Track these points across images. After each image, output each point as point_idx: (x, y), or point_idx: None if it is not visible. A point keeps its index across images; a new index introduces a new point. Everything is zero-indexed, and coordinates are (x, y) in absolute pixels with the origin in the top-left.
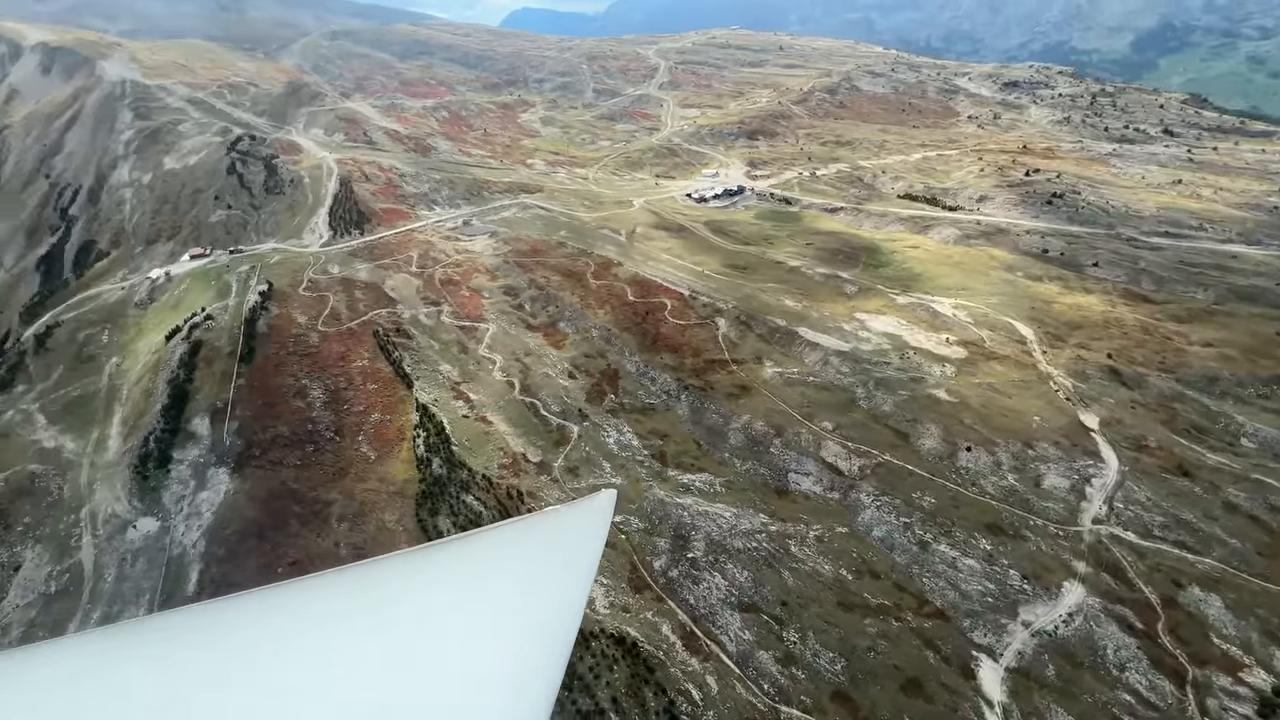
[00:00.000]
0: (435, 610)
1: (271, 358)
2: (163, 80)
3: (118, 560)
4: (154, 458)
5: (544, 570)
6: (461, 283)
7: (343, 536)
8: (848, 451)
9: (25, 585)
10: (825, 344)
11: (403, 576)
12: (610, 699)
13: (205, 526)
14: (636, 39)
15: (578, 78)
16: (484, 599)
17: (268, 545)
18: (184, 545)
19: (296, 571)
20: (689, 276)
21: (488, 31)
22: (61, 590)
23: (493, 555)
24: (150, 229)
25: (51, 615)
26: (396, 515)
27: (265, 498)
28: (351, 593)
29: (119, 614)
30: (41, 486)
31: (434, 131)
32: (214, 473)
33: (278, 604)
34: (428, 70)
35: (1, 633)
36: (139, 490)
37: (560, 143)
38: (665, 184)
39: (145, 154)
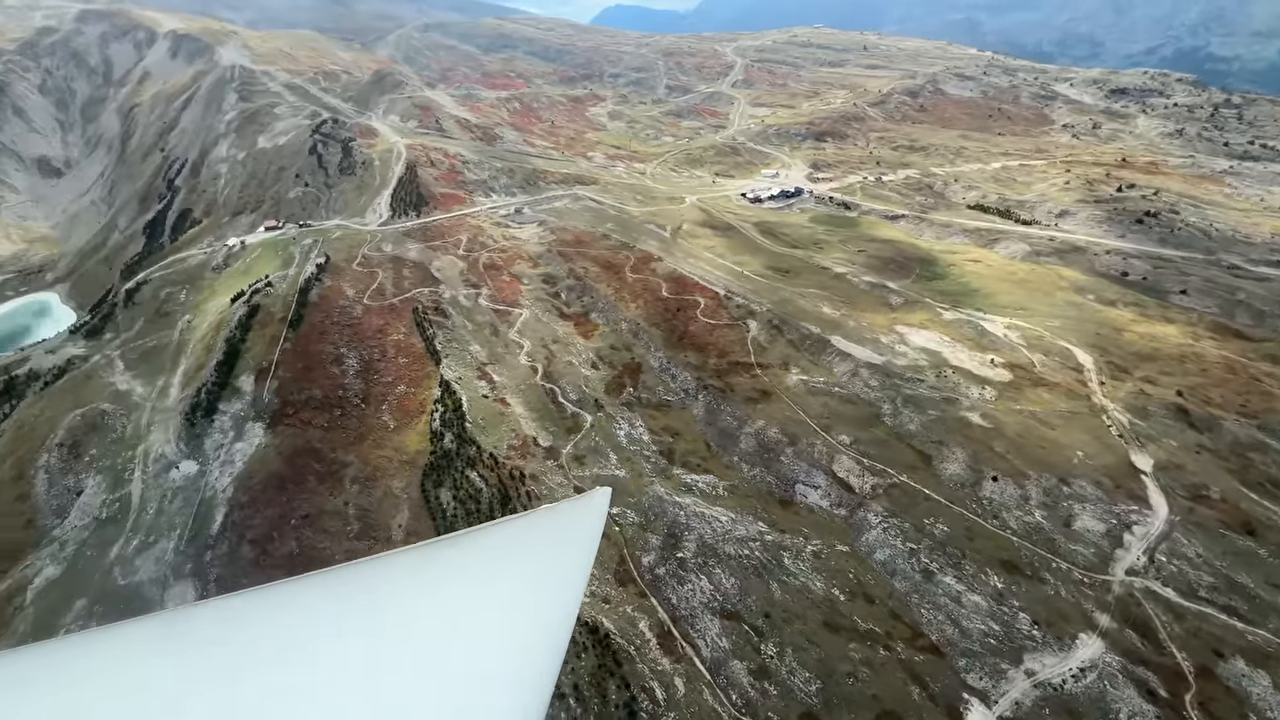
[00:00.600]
0: (430, 608)
1: (317, 325)
2: (268, 66)
3: (159, 496)
4: (203, 408)
5: (539, 568)
6: (504, 268)
7: (352, 497)
8: (862, 468)
9: (83, 509)
10: (857, 355)
11: (399, 575)
12: (572, 685)
13: (236, 474)
14: (716, 36)
15: (651, 74)
16: (479, 597)
17: (285, 497)
18: (215, 489)
19: (306, 526)
20: (727, 276)
21: (570, 26)
22: (110, 517)
23: (489, 553)
24: (238, 201)
25: (100, 538)
26: (404, 483)
27: (291, 454)
28: (349, 592)
29: (153, 544)
30: (109, 424)
31: (503, 121)
32: (250, 426)
33: (276, 603)
34: (509, 63)
35: (59, 547)
36: (186, 436)
37: (624, 137)
38: (723, 183)
39: (243, 133)
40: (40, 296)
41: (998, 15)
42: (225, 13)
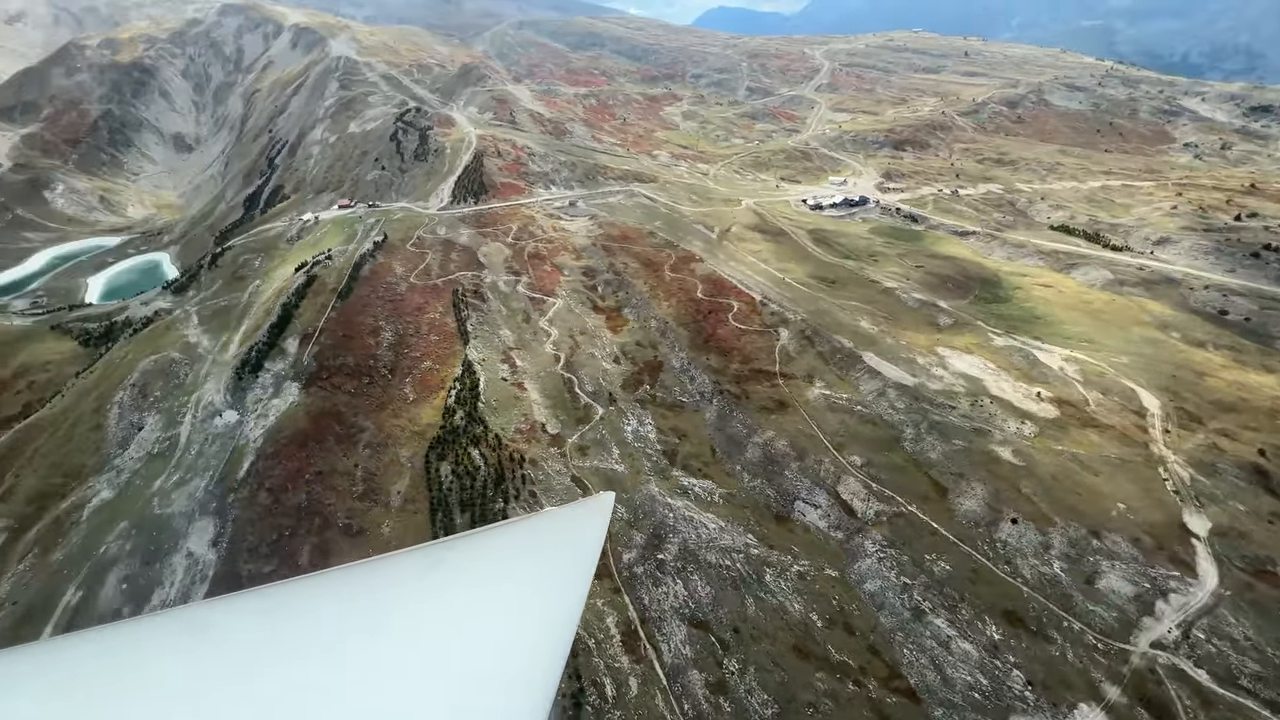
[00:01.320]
0: (435, 610)
1: (363, 298)
2: (370, 58)
3: (201, 439)
4: (251, 364)
5: (542, 571)
6: (547, 258)
7: (362, 460)
8: (869, 492)
9: (140, 443)
10: (887, 374)
11: (404, 576)
12: None
13: (267, 427)
14: (806, 39)
15: (733, 75)
16: (483, 599)
17: (305, 453)
18: (248, 439)
19: (317, 481)
20: (767, 282)
21: (660, 27)
22: (160, 453)
23: (492, 555)
24: (322, 180)
25: (148, 470)
26: (410, 453)
27: (317, 414)
28: (355, 592)
29: (188, 481)
30: (175, 371)
31: (575, 117)
32: (288, 385)
33: (281, 603)
34: (595, 61)
35: (116, 474)
36: (233, 388)
37: (693, 137)
38: (787, 187)
39: (338, 118)
40: (155, 255)
41: (1137, 23)
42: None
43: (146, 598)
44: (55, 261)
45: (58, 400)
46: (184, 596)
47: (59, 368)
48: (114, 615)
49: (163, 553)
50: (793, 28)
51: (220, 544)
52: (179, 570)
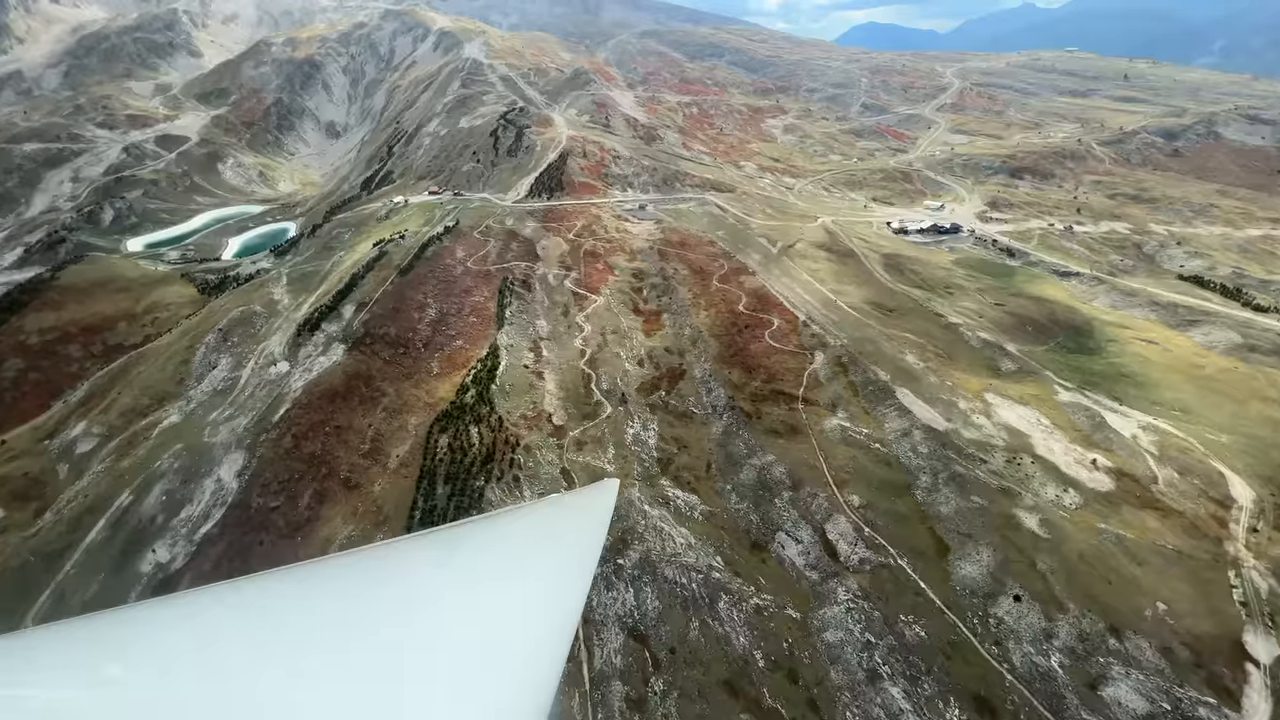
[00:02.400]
0: (440, 595)
1: (420, 276)
2: (495, 61)
3: (255, 384)
4: (310, 324)
5: (551, 556)
6: (602, 257)
7: (376, 422)
8: (858, 536)
9: (211, 380)
10: (918, 414)
11: (412, 560)
12: None
13: (308, 381)
14: (941, 55)
15: (851, 90)
16: (490, 584)
17: (331, 408)
18: (290, 388)
19: (334, 434)
20: (816, 303)
21: (783, 39)
22: (222, 391)
23: (505, 541)
24: (426, 169)
25: (209, 405)
26: (418, 421)
27: (351, 374)
28: (358, 578)
29: (235, 418)
30: (253, 322)
31: (671, 124)
32: (335, 346)
33: (279, 590)
34: (710, 71)
35: (187, 403)
36: (292, 343)
37: (788, 150)
38: (875, 209)
39: (453, 114)
40: (285, 224)
41: None
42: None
43: (176, 512)
44: (211, 222)
45: (167, 336)
46: (204, 516)
47: (177, 309)
48: (150, 522)
49: (199, 475)
50: (946, 45)
51: (243, 476)
52: (207, 493)
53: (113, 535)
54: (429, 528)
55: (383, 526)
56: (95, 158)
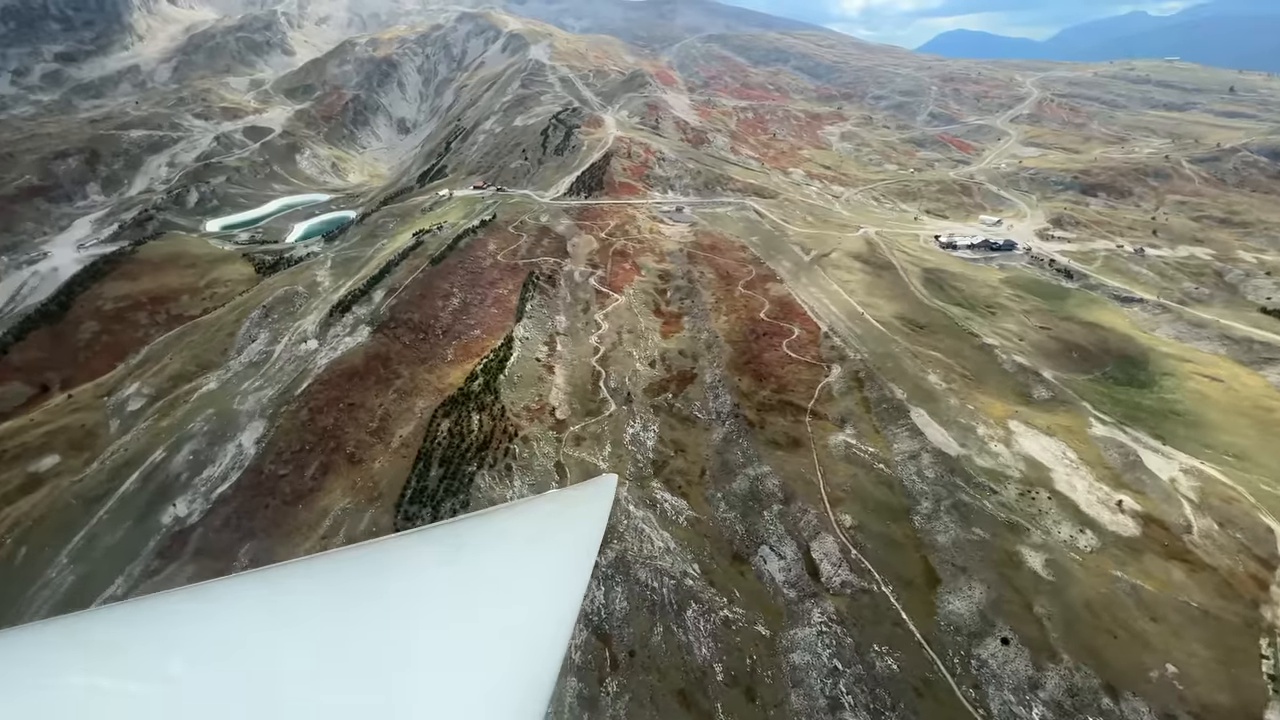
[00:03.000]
0: (438, 592)
1: (449, 267)
2: (557, 63)
3: (286, 359)
4: (343, 306)
5: (547, 553)
6: (630, 256)
7: (387, 402)
8: (844, 558)
9: (249, 352)
10: (931, 437)
11: (409, 557)
12: None
13: (331, 359)
14: (1021, 64)
15: (919, 98)
16: (488, 581)
17: (348, 386)
18: (315, 365)
19: (346, 411)
20: (841, 314)
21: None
22: (256, 363)
23: (497, 537)
24: (476, 164)
25: (243, 375)
26: (425, 404)
27: (371, 355)
28: (358, 574)
29: (261, 390)
30: (294, 301)
31: (722, 128)
32: (361, 328)
33: (282, 585)
34: (773, 76)
35: (225, 372)
36: (322, 323)
37: (841, 158)
38: (927, 222)
39: (509, 113)
40: (346, 213)
41: None
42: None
43: (199, 471)
44: (281, 208)
45: (220, 309)
46: (223, 477)
47: (235, 285)
48: (175, 479)
49: (223, 439)
50: (1043, 53)
51: (261, 443)
52: (228, 456)
53: (143, 487)
54: (432, 523)
55: (375, 502)
56: (190, 145)
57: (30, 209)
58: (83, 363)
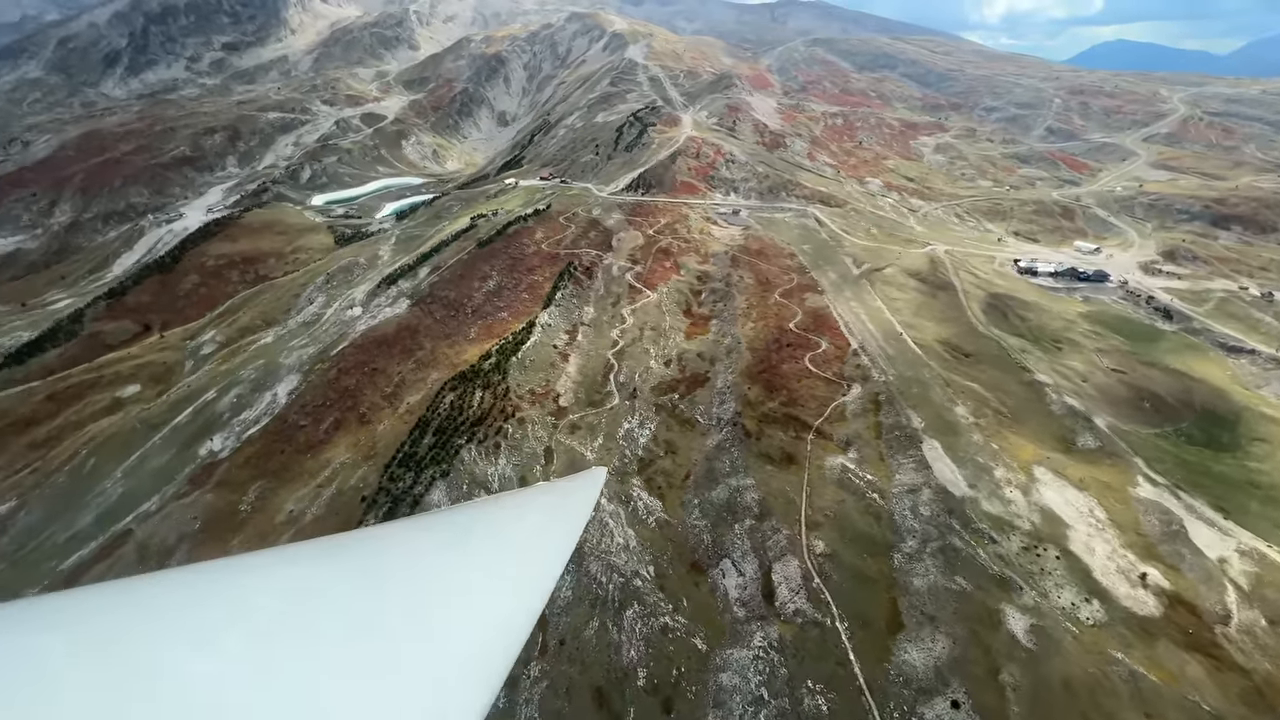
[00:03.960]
0: (414, 581)
1: (494, 250)
2: (650, 62)
3: (331, 322)
4: (390, 279)
5: (527, 546)
6: (673, 255)
7: (406, 372)
8: (804, 585)
9: (305, 313)
10: (938, 472)
11: (389, 547)
12: None
13: (369, 325)
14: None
15: (1037, 111)
16: (470, 571)
17: (377, 351)
18: (354, 330)
19: (368, 375)
20: (878, 332)
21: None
22: (308, 324)
23: (486, 527)
24: (551, 157)
25: (294, 334)
26: (438, 377)
27: (402, 327)
28: (336, 561)
29: (307, 348)
30: (353, 271)
31: (804, 134)
32: (401, 300)
33: (259, 570)
34: (877, 83)
35: (282, 328)
36: (371, 293)
37: (929, 170)
38: (1012, 244)
39: (593, 110)
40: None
41: None
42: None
43: (238, 413)
44: (379, 189)
45: (295, 274)
46: (255, 421)
47: (314, 253)
48: (218, 417)
49: (264, 388)
50: (1224, 69)
51: (292, 395)
52: (263, 403)
53: (192, 421)
54: (413, 502)
55: (370, 460)
56: (314, 127)
57: (180, 176)
58: (180, 309)
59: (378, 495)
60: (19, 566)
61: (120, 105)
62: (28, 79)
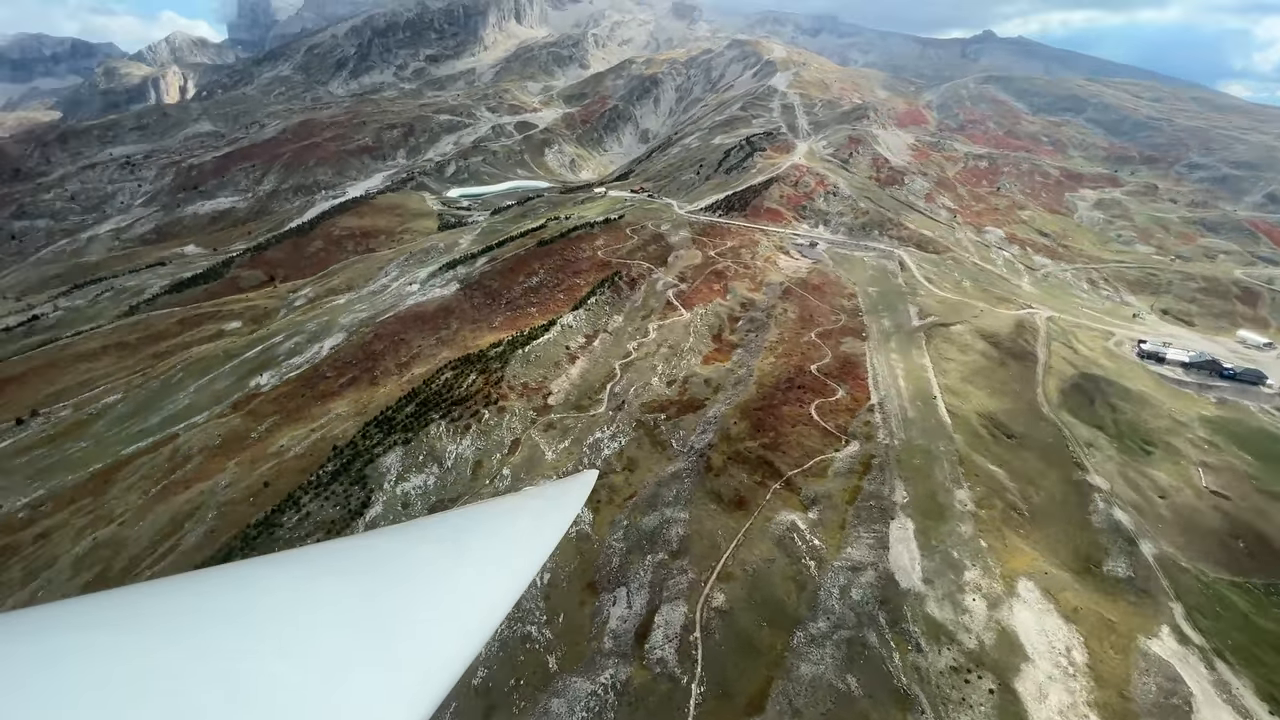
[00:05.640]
0: (399, 586)
1: (550, 250)
2: (791, 90)
3: (391, 295)
4: (451, 265)
5: (507, 548)
6: (725, 279)
7: (426, 347)
8: (682, 637)
9: (376, 284)
10: (894, 557)
11: (379, 554)
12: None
13: (418, 301)
14: None
15: (1260, 174)
16: (439, 580)
17: (410, 324)
18: (402, 304)
19: (393, 345)
20: (909, 391)
21: (1191, 99)
22: (374, 292)
23: (478, 529)
24: (657, 173)
25: (362, 300)
26: (447, 355)
27: (441, 307)
28: (321, 569)
29: (363, 312)
30: (430, 253)
31: (930, 173)
32: (452, 284)
33: (252, 578)
34: (1053, 127)
35: (355, 294)
36: (432, 274)
37: (1074, 227)
38: (1151, 323)
39: (713, 132)
40: None
41: None
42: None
43: (290, 358)
44: (508, 189)
45: (389, 249)
46: (297, 367)
47: (417, 235)
48: (274, 358)
49: (316, 340)
50: None
51: (332, 349)
52: (309, 352)
53: (256, 357)
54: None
55: (358, 417)
56: (473, 130)
57: (358, 162)
58: (301, 268)
59: (345, 447)
60: (99, 444)
61: (336, 101)
62: (280, 76)
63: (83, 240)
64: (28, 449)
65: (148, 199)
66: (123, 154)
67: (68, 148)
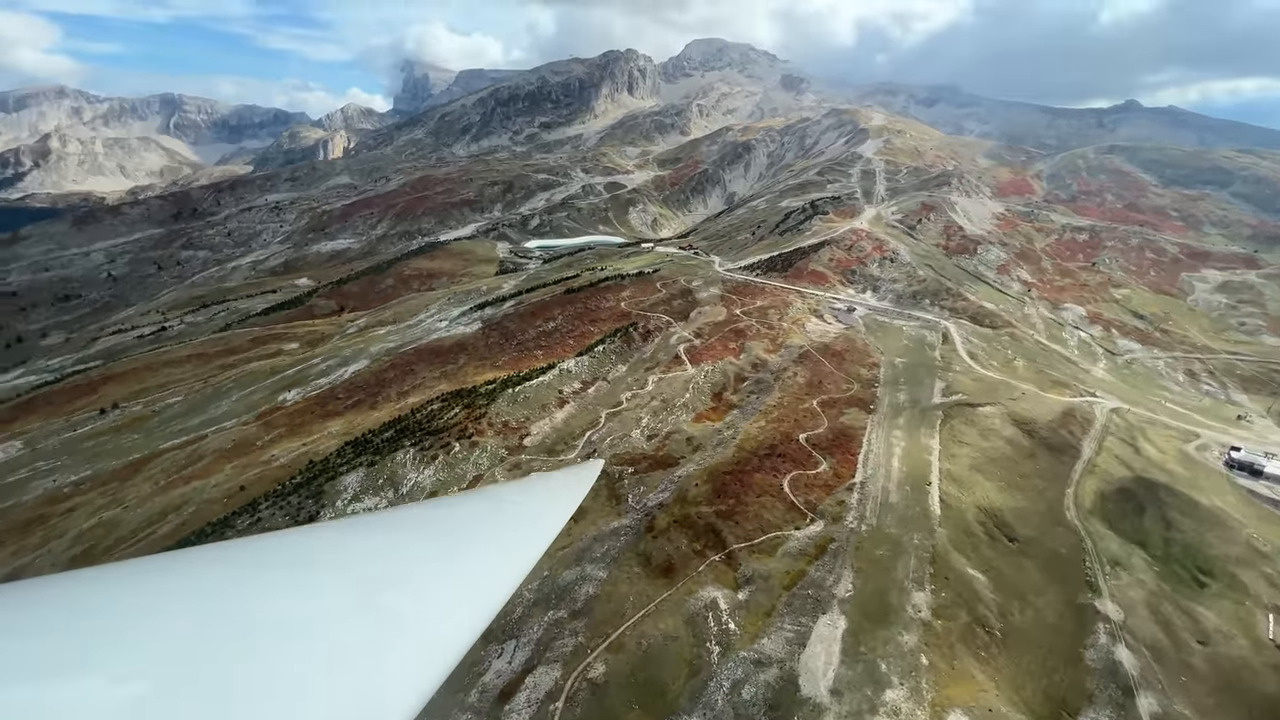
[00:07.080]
0: (394, 570)
1: (575, 298)
2: (878, 156)
3: (420, 329)
4: (480, 305)
5: (511, 533)
6: (744, 338)
7: (429, 378)
8: (545, 702)
9: (415, 319)
10: (809, 657)
11: (370, 537)
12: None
13: (436, 337)
14: None
15: None
16: (449, 559)
17: (425, 356)
18: (426, 338)
19: (404, 374)
20: (901, 474)
21: None
22: (411, 326)
23: (457, 521)
24: (716, 232)
25: (398, 332)
26: (444, 388)
27: (457, 344)
28: (320, 550)
29: (390, 343)
30: (471, 294)
31: (1015, 244)
32: (474, 323)
33: (251, 556)
34: (1186, 201)
35: (397, 326)
36: (463, 312)
37: (1187, 310)
38: (1261, 429)
39: (783, 195)
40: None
41: None
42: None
43: (320, 379)
44: (585, 244)
45: (442, 290)
46: (319, 387)
47: (475, 278)
48: (308, 377)
49: (346, 364)
50: None
51: (353, 374)
52: (335, 375)
53: (294, 375)
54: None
55: (345, 435)
56: (565, 189)
57: (458, 213)
58: (369, 300)
59: (319, 462)
60: (148, 437)
61: (455, 160)
62: (414, 139)
63: (228, 269)
64: (98, 435)
65: (285, 238)
66: (275, 199)
67: (235, 193)
